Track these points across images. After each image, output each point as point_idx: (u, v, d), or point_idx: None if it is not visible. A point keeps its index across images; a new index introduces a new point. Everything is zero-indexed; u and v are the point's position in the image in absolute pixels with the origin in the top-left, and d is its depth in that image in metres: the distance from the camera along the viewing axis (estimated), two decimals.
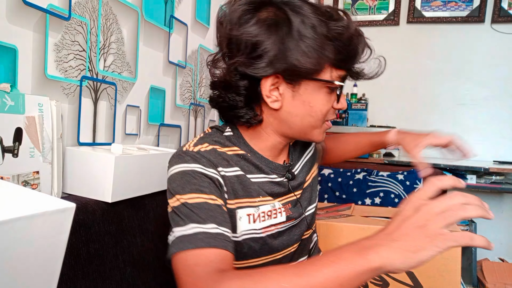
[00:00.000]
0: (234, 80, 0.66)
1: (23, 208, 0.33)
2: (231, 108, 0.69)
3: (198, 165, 0.63)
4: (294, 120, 0.68)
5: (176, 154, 0.67)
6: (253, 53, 0.62)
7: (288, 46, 0.61)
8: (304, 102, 0.67)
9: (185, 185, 0.61)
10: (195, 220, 0.58)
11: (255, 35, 0.62)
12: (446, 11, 2.32)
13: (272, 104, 0.66)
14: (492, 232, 2.25)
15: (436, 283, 0.86)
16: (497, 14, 2.22)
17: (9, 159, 0.61)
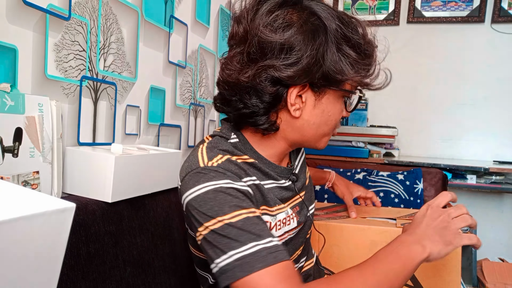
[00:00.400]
0: (263, 85, 0.62)
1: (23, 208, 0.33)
2: (251, 115, 0.65)
3: (227, 180, 0.59)
4: (309, 129, 0.68)
5: (193, 173, 0.61)
6: (289, 59, 0.60)
7: (324, 55, 0.61)
8: (324, 111, 0.67)
9: (222, 204, 0.57)
10: (249, 238, 0.55)
11: (292, 42, 0.60)
12: (446, 11, 2.32)
13: (294, 112, 0.65)
14: (492, 232, 2.24)
15: (436, 284, 0.86)
16: (497, 14, 2.22)
17: (9, 159, 0.61)
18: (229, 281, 0.54)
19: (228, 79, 0.65)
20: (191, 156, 0.66)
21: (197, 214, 0.58)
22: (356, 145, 1.90)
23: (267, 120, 0.65)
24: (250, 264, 0.53)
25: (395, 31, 2.41)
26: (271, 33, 0.60)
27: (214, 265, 0.57)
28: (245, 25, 0.63)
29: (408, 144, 2.36)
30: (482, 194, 2.24)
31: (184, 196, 0.62)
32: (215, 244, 0.56)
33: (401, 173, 1.65)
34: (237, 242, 0.55)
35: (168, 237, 0.89)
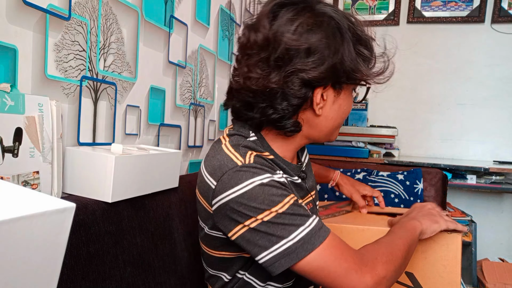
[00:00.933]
0: (293, 88, 0.64)
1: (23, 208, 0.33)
2: (280, 120, 0.67)
3: (267, 175, 0.63)
4: (327, 124, 0.72)
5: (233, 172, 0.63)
6: (315, 62, 0.63)
7: (344, 55, 0.65)
8: (341, 105, 0.72)
9: (271, 196, 0.61)
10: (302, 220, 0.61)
11: (317, 45, 0.63)
12: (446, 11, 2.32)
13: (318, 111, 0.69)
14: (492, 232, 2.25)
15: (436, 284, 0.86)
16: (497, 14, 2.22)
17: (9, 159, 0.61)
18: (292, 262, 0.59)
19: (253, 87, 0.66)
20: (218, 156, 0.67)
21: (245, 209, 0.61)
22: (356, 145, 1.90)
23: (293, 123, 0.68)
24: (310, 243, 0.59)
25: (395, 31, 2.41)
26: (297, 38, 0.63)
27: (265, 253, 0.61)
28: (265, 33, 0.64)
29: (408, 144, 2.36)
30: (482, 194, 2.24)
31: (224, 195, 0.63)
32: (270, 233, 0.60)
33: (401, 173, 1.65)
34: (293, 226, 0.60)
35: (168, 237, 0.89)
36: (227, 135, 0.72)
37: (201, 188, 0.70)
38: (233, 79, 0.71)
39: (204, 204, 0.70)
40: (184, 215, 0.96)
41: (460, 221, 1.97)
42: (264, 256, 0.61)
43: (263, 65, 0.65)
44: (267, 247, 0.60)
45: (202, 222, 0.74)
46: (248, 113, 0.70)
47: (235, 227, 0.63)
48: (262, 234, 0.61)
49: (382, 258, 0.63)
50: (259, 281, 0.72)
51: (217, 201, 0.64)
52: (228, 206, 0.62)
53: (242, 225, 0.62)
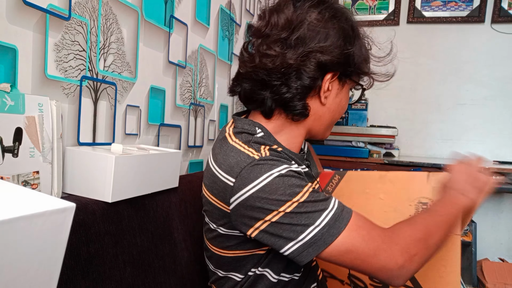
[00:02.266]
0: (308, 66, 0.67)
1: (23, 208, 0.33)
2: (292, 99, 0.69)
3: (285, 165, 0.63)
4: (328, 116, 0.75)
5: (251, 166, 0.63)
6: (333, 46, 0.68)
7: (356, 49, 0.71)
8: (341, 100, 0.76)
9: (291, 187, 0.61)
10: (324, 205, 0.61)
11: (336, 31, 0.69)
12: (446, 11, 2.32)
13: (324, 99, 0.72)
14: (492, 232, 2.25)
15: (435, 284, 0.86)
16: (497, 14, 2.22)
17: (9, 159, 0.61)
18: (320, 249, 0.59)
19: (269, 65, 0.68)
20: (232, 154, 0.67)
21: (266, 203, 0.61)
22: (356, 145, 1.90)
23: (302, 105, 0.70)
24: (336, 227, 0.59)
25: (395, 31, 2.40)
26: (318, 22, 0.68)
27: (291, 244, 0.60)
28: (288, 15, 0.69)
29: (408, 144, 2.36)
30: None
31: (244, 190, 0.62)
32: (294, 223, 0.60)
33: None
34: (317, 213, 0.60)
35: (168, 237, 0.89)
36: (233, 134, 0.72)
37: (214, 189, 0.69)
38: (244, 62, 0.73)
39: (218, 204, 0.69)
40: (184, 215, 0.96)
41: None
42: (290, 247, 0.61)
43: (282, 44, 0.68)
44: (293, 238, 0.60)
45: (214, 223, 0.73)
46: (262, 92, 0.71)
47: (256, 223, 0.63)
48: (286, 226, 0.60)
49: (416, 235, 0.62)
50: (273, 273, 0.73)
51: (237, 198, 0.64)
52: (248, 202, 0.62)
53: (263, 220, 0.62)
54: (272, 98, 0.70)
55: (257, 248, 0.71)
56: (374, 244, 0.60)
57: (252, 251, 0.72)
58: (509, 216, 2.24)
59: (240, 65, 0.76)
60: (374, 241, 0.60)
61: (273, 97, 0.70)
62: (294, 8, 0.69)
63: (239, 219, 0.66)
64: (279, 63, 0.67)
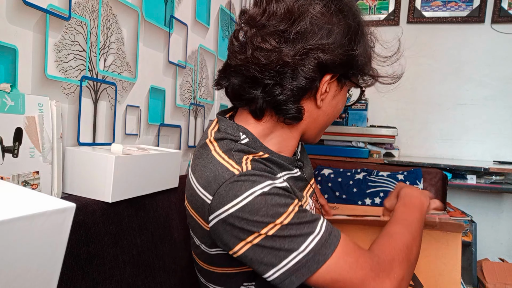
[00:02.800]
0: (308, 66, 0.60)
1: (23, 208, 0.33)
2: (285, 102, 0.62)
3: (268, 182, 0.57)
4: (322, 119, 0.69)
5: (230, 183, 0.56)
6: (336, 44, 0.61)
7: (360, 49, 0.64)
8: (338, 102, 0.70)
9: (274, 207, 0.55)
10: (310, 228, 0.55)
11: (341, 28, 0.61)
12: (446, 11, 2.32)
13: (320, 102, 0.66)
14: (492, 232, 2.25)
15: (436, 282, 0.86)
16: (497, 14, 2.22)
17: (9, 159, 0.61)
18: (304, 277, 0.54)
19: (263, 60, 0.60)
20: (210, 165, 0.60)
21: (246, 224, 0.55)
22: (356, 145, 1.90)
23: (297, 109, 0.63)
24: (322, 253, 0.54)
25: (395, 31, 2.40)
26: (322, 16, 0.60)
27: (273, 271, 0.55)
28: (289, 4, 0.60)
29: (408, 144, 2.36)
30: (482, 194, 2.24)
31: (222, 210, 0.56)
32: (276, 247, 0.54)
33: (401, 173, 1.65)
34: (301, 237, 0.54)
35: (168, 237, 0.89)
36: (214, 139, 0.64)
37: (193, 203, 0.62)
38: (234, 53, 0.64)
39: (198, 221, 0.63)
40: (184, 215, 0.96)
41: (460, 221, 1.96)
42: (272, 274, 0.55)
43: (279, 37, 0.60)
44: (274, 264, 0.55)
45: (198, 239, 0.68)
46: (252, 91, 0.63)
47: (237, 245, 0.57)
48: (267, 250, 0.55)
49: (399, 257, 0.59)
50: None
51: (215, 217, 0.58)
52: (227, 222, 0.56)
53: (245, 241, 0.56)
54: (264, 98, 0.63)
55: (245, 265, 0.64)
56: (362, 272, 0.55)
57: (240, 269, 0.67)
58: (509, 216, 2.24)
59: (229, 55, 0.67)
60: (362, 269, 0.55)
61: (264, 97, 0.62)
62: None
63: (220, 239, 0.59)
64: (274, 59, 0.59)
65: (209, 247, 0.65)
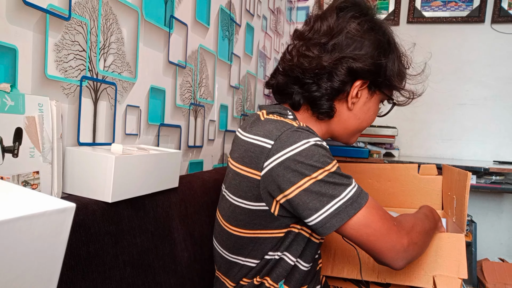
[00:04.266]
0: (339, 70, 0.74)
1: (23, 208, 0.33)
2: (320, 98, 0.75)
3: (318, 138, 0.69)
4: (354, 123, 0.80)
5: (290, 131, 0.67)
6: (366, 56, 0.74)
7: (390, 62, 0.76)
8: (369, 109, 0.81)
9: (324, 156, 0.66)
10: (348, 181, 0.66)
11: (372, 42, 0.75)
12: (446, 11, 2.32)
13: (351, 105, 0.77)
14: (492, 232, 2.25)
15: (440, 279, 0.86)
16: (497, 14, 2.22)
17: (9, 159, 0.61)
18: (343, 221, 0.64)
19: (306, 64, 0.75)
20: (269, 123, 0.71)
21: (301, 167, 0.64)
22: (356, 145, 1.90)
23: (329, 106, 0.76)
24: (358, 202, 0.64)
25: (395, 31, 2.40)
26: (357, 32, 0.74)
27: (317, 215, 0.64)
28: (331, 22, 0.75)
29: (408, 144, 2.36)
30: (482, 194, 2.24)
31: (282, 153, 0.66)
32: (322, 192, 0.64)
33: None
34: (343, 186, 0.64)
35: (168, 237, 0.89)
36: (266, 113, 0.76)
37: (246, 157, 0.72)
38: (284, 61, 0.80)
39: (248, 173, 0.72)
40: (184, 215, 0.96)
41: None
42: (316, 218, 0.65)
43: (320, 48, 0.75)
44: (318, 209, 0.64)
45: (240, 197, 0.75)
46: (294, 86, 0.77)
47: (289, 188, 0.66)
48: (314, 196, 0.64)
49: (417, 228, 0.72)
50: (292, 256, 0.76)
51: (273, 160, 0.67)
52: (284, 164, 0.65)
53: (297, 185, 0.65)
54: (302, 94, 0.76)
55: (277, 228, 0.73)
56: (388, 223, 0.66)
57: (272, 232, 0.74)
58: (509, 216, 2.24)
59: (279, 63, 0.83)
60: (388, 221, 0.66)
61: (303, 93, 0.76)
62: (337, 17, 0.75)
63: (269, 185, 0.68)
64: (315, 64, 0.74)
65: (253, 200, 0.73)
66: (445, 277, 0.82)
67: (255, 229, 0.75)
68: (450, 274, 0.82)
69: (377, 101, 0.82)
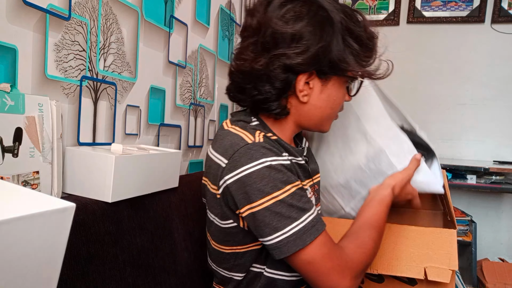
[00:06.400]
0: (275, 72, 0.67)
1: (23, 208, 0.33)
2: (265, 101, 0.70)
3: (274, 157, 0.64)
4: (316, 113, 0.74)
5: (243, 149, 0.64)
6: (299, 48, 0.65)
7: (330, 45, 0.67)
8: (329, 96, 0.73)
9: (275, 181, 0.62)
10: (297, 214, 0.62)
11: (302, 32, 0.65)
12: (446, 11, 2.32)
13: (302, 98, 0.71)
14: (492, 232, 2.25)
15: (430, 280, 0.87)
16: (497, 14, 2.22)
17: (9, 159, 0.61)
18: (284, 255, 0.62)
19: (242, 68, 0.69)
20: (228, 137, 0.68)
21: (250, 191, 0.62)
22: None
23: (278, 105, 0.70)
24: (302, 239, 0.61)
25: (395, 31, 2.40)
26: (283, 24, 0.65)
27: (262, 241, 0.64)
28: (258, 18, 0.68)
29: None
30: (482, 194, 2.24)
31: (233, 174, 0.64)
32: (267, 222, 0.61)
33: None
34: (288, 219, 0.61)
35: (168, 237, 0.89)
36: (230, 122, 0.74)
37: (210, 173, 0.71)
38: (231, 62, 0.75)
39: (212, 189, 0.70)
40: (184, 215, 0.96)
41: (460, 221, 1.97)
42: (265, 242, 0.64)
43: (254, 48, 0.68)
44: (262, 236, 0.63)
45: (212, 213, 0.74)
46: (238, 95, 0.73)
47: (242, 208, 0.64)
48: (259, 222, 0.62)
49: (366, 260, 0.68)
50: (273, 268, 0.73)
51: (226, 180, 0.65)
52: (235, 185, 0.64)
53: (247, 207, 0.63)
54: (247, 100, 0.72)
55: (253, 242, 0.71)
56: (331, 263, 0.63)
57: (248, 246, 0.72)
58: (509, 216, 2.24)
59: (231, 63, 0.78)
60: (332, 261, 0.63)
61: (247, 99, 0.72)
62: (264, 11, 0.67)
63: (228, 202, 0.67)
64: (249, 69, 0.68)
65: (221, 219, 0.71)
66: (436, 268, 0.83)
67: (232, 245, 0.73)
68: (441, 265, 0.83)
69: (337, 85, 0.72)
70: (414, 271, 0.85)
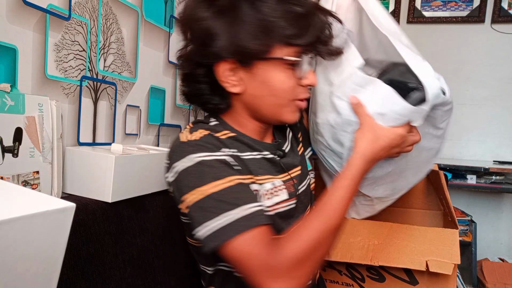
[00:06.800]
0: (191, 69, 0.69)
1: (23, 208, 0.33)
2: (198, 96, 0.71)
3: (206, 153, 0.63)
4: (258, 102, 0.69)
5: (175, 147, 0.65)
6: (204, 41, 0.64)
7: (235, 30, 0.62)
8: (263, 82, 0.67)
9: (202, 176, 0.61)
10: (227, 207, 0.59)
11: (204, 23, 0.63)
12: (446, 11, 2.32)
13: (231, 88, 0.67)
14: (492, 232, 2.25)
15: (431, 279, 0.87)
16: (497, 14, 2.22)
17: (9, 159, 0.61)
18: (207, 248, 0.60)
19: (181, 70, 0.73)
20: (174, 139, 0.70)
21: (181, 187, 0.62)
22: None
23: (212, 98, 0.70)
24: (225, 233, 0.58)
25: None
26: (191, 23, 0.66)
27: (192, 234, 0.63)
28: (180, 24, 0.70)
29: None
30: (482, 194, 2.24)
31: (169, 172, 0.65)
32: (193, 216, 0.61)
33: None
34: (213, 214, 0.59)
35: (168, 237, 0.89)
36: (191, 123, 0.74)
37: None
38: None
39: None
40: None
41: (460, 221, 1.97)
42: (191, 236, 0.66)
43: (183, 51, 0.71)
44: (191, 230, 0.63)
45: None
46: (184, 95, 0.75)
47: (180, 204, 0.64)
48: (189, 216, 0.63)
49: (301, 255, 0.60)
50: None
51: (167, 179, 0.66)
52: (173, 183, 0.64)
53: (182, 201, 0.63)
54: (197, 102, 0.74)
55: None
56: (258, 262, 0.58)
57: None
58: (509, 216, 2.24)
59: None
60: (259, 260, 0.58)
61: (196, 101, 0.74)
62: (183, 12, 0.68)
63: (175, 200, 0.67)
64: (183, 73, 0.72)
65: (179, 214, 0.71)
66: (437, 261, 0.83)
67: (192, 239, 0.74)
68: (443, 259, 0.83)
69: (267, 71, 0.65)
70: (416, 263, 0.85)
